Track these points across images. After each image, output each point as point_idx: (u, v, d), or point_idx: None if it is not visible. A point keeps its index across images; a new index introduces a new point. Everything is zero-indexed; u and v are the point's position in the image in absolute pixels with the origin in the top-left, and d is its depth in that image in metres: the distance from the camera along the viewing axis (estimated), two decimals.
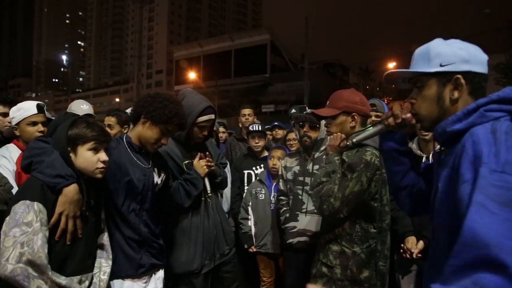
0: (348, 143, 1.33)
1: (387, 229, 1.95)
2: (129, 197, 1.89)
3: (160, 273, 2.07)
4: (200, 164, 2.15)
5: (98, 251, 1.66)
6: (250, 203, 3.05)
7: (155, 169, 2.02)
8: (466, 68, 1.00)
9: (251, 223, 3.01)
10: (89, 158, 1.52)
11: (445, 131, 0.99)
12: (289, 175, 2.61)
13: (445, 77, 1.02)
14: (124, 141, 1.95)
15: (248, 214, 3.03)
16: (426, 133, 2.37)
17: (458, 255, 0.76)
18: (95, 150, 1.54)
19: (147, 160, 1.99)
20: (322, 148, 2.50)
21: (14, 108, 2.30)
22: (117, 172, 1.87)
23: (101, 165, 1.55)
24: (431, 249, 1.11)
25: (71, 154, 1.51)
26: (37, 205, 1.37)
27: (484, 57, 1.04)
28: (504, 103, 0.93)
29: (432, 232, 1.08)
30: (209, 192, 2.19)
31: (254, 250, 2.95)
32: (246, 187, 3.29)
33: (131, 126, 2.09)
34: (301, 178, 2.51)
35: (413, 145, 2.54)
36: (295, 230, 2.45)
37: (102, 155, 1.55)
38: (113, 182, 1.86)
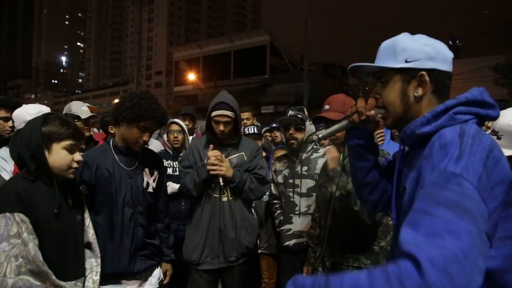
0: (313, 138, 1.31)
1: None
2: (119, 202, 1.89)
3: (156, 272, 2.07)
4: (209, 155, 2.19)
5: (87, 251, 1.62)
6: (254, 204, 3.03)
7: (146, 169, 2.01)
8: (431, 66, 0.99)
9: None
10: (64, 156, 1.46)
11: (414, 133, 0.98)
12: (280, 179, 2.62)
13: (409, 74, 1.01)
14: (111, 145, 1.97)
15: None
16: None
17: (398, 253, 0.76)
18: (71, 150, 1.48)
19: (134, 161, 1.98)
20: (309, 149, 2.54)
21: (26, 111, 2.28)
22: (103, 178, 1.88)
23: (75, 165, 1.51)
24: (392, 246, 1.11)
25: (45, 151, 1.44)
26: (17, 216, 1.31)
27: (450, 54, 1.02)
28: (471, 105, 0.94)
29: (395, 229, 1.08)
30: (223, 192, 2.24)
31: (259, 251, 2.93)
32: None
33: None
34: (291, 181, 2.52)
35: None
36: (290, 232, 2.47)
37: (77, 155, 1.50)
38: (100, 190, 1.87)
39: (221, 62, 40.56)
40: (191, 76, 38.19)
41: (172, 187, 2.83)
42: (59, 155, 1.46)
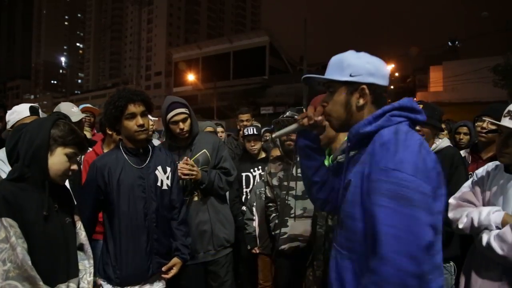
0: (267, 138, 1.45)
1: None
2: (132, 202, 1.93)
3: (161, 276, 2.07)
4: (182, 166, 2.25)
5: (80, 254, 1.61)
6: (255, 204, 3.03)
7: (159, 167, 2.04)
8: (371, 80, 1.16)
9: (255, 224, 2.99)
10: (63, 162, 1.47)
11: (358, 133, 1.16)
12: (275, 181, 2.61)
13: (353, 86, 1.18)
14: (120, 147, 2.00)
15: (253, 214, 3.01)
16: (485, 135, 2.68)
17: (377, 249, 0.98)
18: (71, 158, 1.49)
19: (144, 160, 2.00)
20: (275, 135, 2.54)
21: (9, 111, 2.32)
22: (115, 180, 1.92)
23: (70, 173, 1.52)
24: (337, 235, 1.26)
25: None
26: (5, 221, 1.29)
27: (387, 71, 1.21)
28: (403, 110, 1.15)
29: (339, 220, 1.24)
30: (192, 193, 2.35)
31: (258, 251, 2.92)
32: (244, 190, 3.29)
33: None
34: (286, 183, 2.50)
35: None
36: (286, 236, 2.43)
37: (75, 166, 1.51)
38: (114, 192, 1.91)
39: (221, 63, 40.60)
40: (191, 77, 38.20)
41: None
42: (60, 160, 1.46)
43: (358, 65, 1.17)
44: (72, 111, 3.01)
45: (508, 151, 1.59)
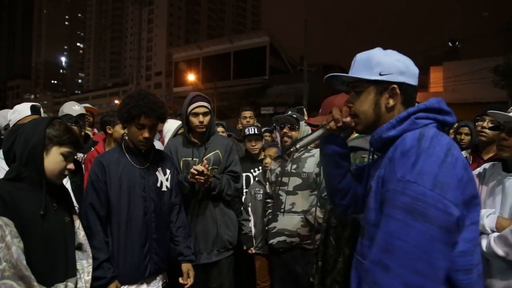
0: (292, 149, 1.35)
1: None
2: (131, 201, 1.94)
3: (160, 276, 2.07)
4: (193, 169, 2.22)
5: (79, 253, 1.61)
6: (250, 204, 3.04)
7: (159, 169, 2.05)
8: (402, 80, 1.09)
9: (251, 224, 3.00)
10: (59, 161, 1.47)
11: (381, 137, 1.09)
12: (273, 177, 2.65)
13: (382, 86, 1.10)
14: (123, 146, 2.02)
15: (248, 215, 3.02)
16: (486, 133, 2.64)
17: (372, 254, 0.96)
18: (67, 157, 1.49)
19: (145, 161, 2.01)
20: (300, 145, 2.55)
21: (10, 111, 2.33)
22: (116, 178, 1.94)
23: (66, 172, 1.52)
24: (359, 244, 1.17)
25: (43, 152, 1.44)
26: (1, 220, 1.29)
27: (417, 70, 1.13)
28: (430, 112, 1.06)
29: (362, 227, 1.16)
30: (199, 197, 2.35)
31: (253, 251, 2.93)
32: (245, 190, 3.27)
33: None
34: (280, 179, 2.54)
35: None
36: (275, 230, 2.47)
37: (71, 165, 1.51)
38: (114, 190, 1.92)
39: (221, 63, 40.57)
40: (191, 77, 38.17)
41: None
42: (55, 159, 1.46)
43: (388, 63, 1.10)
44: (73, 109, 3.05)
45: (508, 144, 1.59)
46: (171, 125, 3.21)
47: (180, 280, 2.06)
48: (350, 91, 1.19)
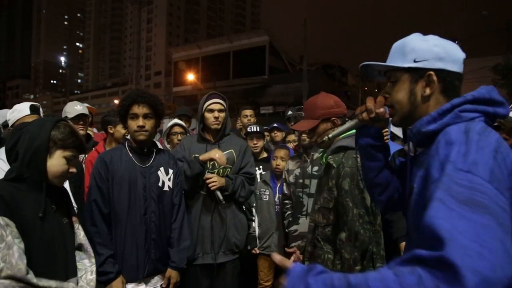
0: (324, 139, 1.32)
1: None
2: (132, 200, 1.94)
3: (158, 277, 2.06)
4: (207, 154, 2.25)
5: (80, 253, 1.61)
6: (255, 204, 3.03)
7: (161, 168, 2.05)
8: (440, 66, 0.99)
9: (255, 224, 2.99)
10: (62, 164, 1.46)
11: (420, 131, 0.98)
12: (291, 178, 2.63)
13: (417, 73, 1.01)
14: (126, 145, 2.03)
15: (252, 215, 3.01)
16: None
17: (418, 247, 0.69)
18: (70, 161, 1.48)
19: (148, 160, 2.02)
20: (321, 149, 2.51)
21: (10, 110, 2.33)
22: (118, 175, 1.95)
23: (69, 175, 1.52)
24: (406, 250, 1.08)
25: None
26: (2, 220, 1.28)
27: (461, 56, 1.02)
28: (479, 104, 0.92)
29: (407, 232, 1.06)
30: (204, 191, 2.31)
31: (258, 251, 2.93)
32: None
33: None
34: (301, 181, 2.51)
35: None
36: (297, 233, 2.45)
37: (73, 168, 1.51)
38: (115, 187, 1.93)
39: (220, 62, 40.53)
40: (190, 77, 38.17)
41: None
42: (58, 162, 1.46)
43: (423, 49, 1.01)
44: (75, 108, 3.05)
45: (508, 144, 1.60)
46: (167, 125, 3.24)
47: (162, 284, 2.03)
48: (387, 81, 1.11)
